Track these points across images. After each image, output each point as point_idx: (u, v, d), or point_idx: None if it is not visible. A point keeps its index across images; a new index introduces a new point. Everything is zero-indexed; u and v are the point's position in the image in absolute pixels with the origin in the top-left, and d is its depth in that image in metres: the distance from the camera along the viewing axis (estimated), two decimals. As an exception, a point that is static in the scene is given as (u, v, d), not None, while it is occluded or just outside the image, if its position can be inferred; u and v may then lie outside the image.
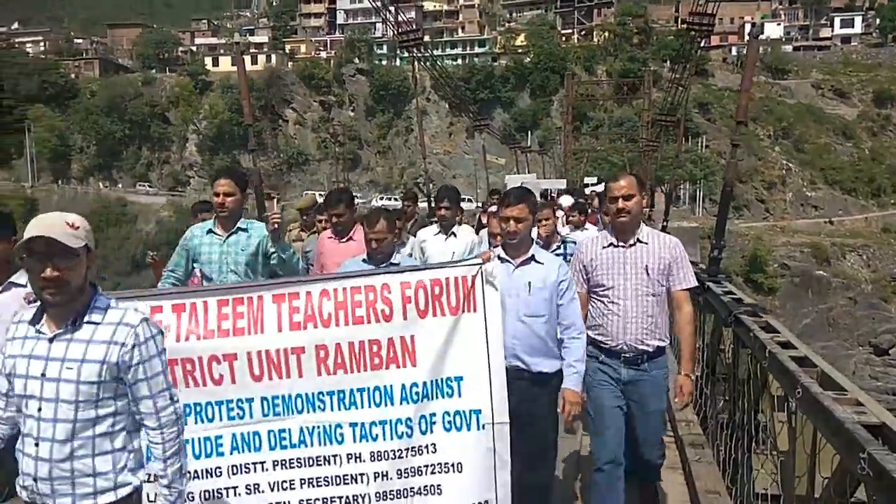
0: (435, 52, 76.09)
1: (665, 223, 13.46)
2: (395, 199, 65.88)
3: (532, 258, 3.39)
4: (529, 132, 66.71)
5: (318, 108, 74.69)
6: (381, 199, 66.76)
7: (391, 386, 3.09)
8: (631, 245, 3.48)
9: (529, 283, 3.33)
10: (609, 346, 3.48)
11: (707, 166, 55.37)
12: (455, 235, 5.32)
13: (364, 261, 3.86)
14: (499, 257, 3.37)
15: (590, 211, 12.51)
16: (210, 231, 4.27)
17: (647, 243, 3.48)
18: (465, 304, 3.11)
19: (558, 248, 5.32)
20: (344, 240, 4.65)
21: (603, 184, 20.47)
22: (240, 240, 4.22)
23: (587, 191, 16.86)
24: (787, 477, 3.10)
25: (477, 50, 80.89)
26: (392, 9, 14.35)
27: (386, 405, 3.09)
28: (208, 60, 79.56)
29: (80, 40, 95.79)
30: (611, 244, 3.53)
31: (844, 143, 64.23)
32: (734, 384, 4.39)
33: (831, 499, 2.38)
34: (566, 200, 10.95)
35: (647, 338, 3.42)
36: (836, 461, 2.34)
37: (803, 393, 2.57)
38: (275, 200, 4.36)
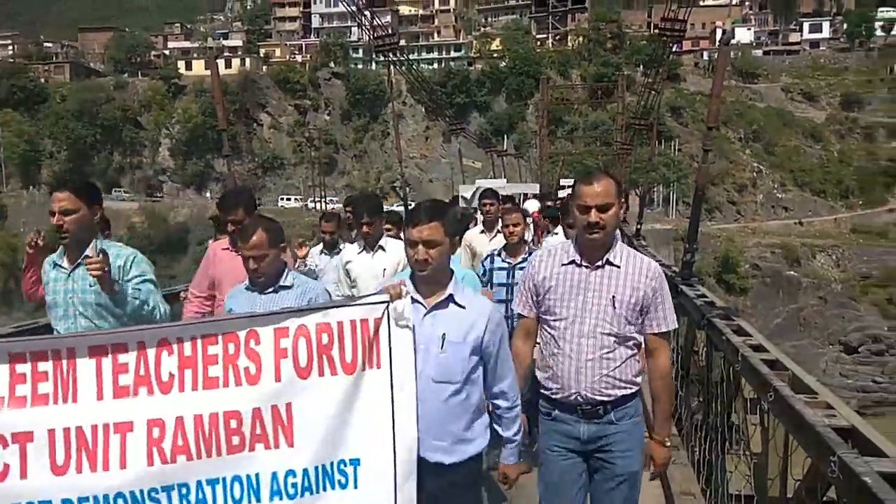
0: (411, 57, 76.40)
1: (639, 226, 13.58)
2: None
3: (450, 299, 2.42)
4: (506, 136, 67.04)
5: (294, 111, 74.33)
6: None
7: (257, 475, 2.21)
8: (598, 266, 2.65)
9: (444, 335, 2.39)
10: (560, 396, 2.68)
11: (680, 169, 56.13)
12: (383, 250, 4.53)
13: (247, 288, 3.08)
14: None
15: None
16: (56, 265, 3.22)
17: (619, 267, 2.65)
18: (365, 358, 2.27)
19: (523, 261, 4.70)
20: None
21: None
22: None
23: (562, 194, 16.32)
24: (761, 478, 3.15)
25: (453, 54, 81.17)
26: (367, 14, 14.34)
27: (250, 503, 2.20)
28: (181, 64, 78.76)
29: (49, 44, 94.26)
30: (572, 262, 2.69)
31: (813, 145, 65.51)
32: (708, 386, 4.44)
33: (803, 500, 2.42)
34: (532, 205, 9.74)
35: (607, 388, 2.62)
36: (808, 463, 2.38)
37: (775, 396, 2.61)
38: (95, 242, 3.01)
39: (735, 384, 3.62)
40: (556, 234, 6.27)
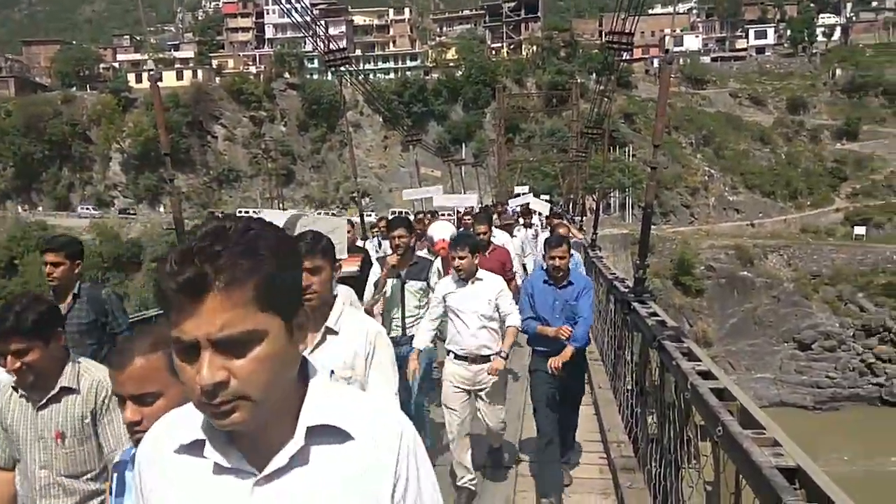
0: (366, 66, 76.29)
1: (595, 236, 13.65)
2: (333, 214, 65.54)
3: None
4: (464, 144, 67.29)
5: (249, 123, 73.34)
6: (319, 213, 66.09)
7: None
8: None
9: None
10: None
11: (634, 174, 57.04)
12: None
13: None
14: None
15: (520, 227, 11.18)
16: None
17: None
18: None
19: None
20: None
21: (531, 195, 19.34)
22: None
23: (512, 204, 15.39)
24: (714, 507, 3.11)
25: (409, 64, 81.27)
26: (318, 29, 14.15)
27: None
28: (131, 77, 77.06)
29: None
30: None
31: (762, 148, 67.31)
32: (661, 407, 4.42)
33: (754, 538, 2.37)
34: (439, 231, 6.29)
35: None
36: (758, 502, 2.34)
37: (724, 431, 2.57)
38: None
39: (686, 410, 3.59)
40: (481, 279, 4.63)
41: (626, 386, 6.40)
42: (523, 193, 23.86)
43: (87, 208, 68.12)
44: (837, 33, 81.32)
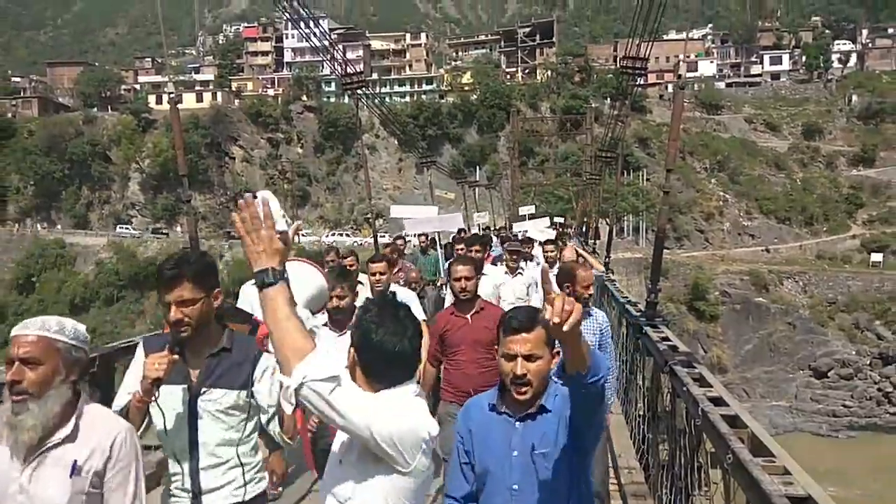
0: (383, 90, 77.10)
1: (608, 259, 13.63)
2: (346, 235, 66.10)
3: None
4: (478, 167, 67.55)
5: (266, 145, 74.17)
6: (332, 234, 66.54)
7: None
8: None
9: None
10: None
11: (648, 199, 56.91)
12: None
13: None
14: None
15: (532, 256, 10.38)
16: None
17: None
18: None
19: None
20: None
21: (532, 223, 16.69)
22: None
23: (517, 228, 14.03)
24: (724, 536, 3.08)
25: (424, 87, 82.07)
26: (335, 53, 14.38)
27: None
28: (152, 98, 78.32)
29: (17, 79, 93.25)
30: None
31: (777, 174, 67.04)
32: (673, 434, 4.40)
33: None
34: (298, 287, 2.27)
35: None
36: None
37: (734, 459, 2.57)
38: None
39: (697, 436, 3.58)
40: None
41: (637, 411, 6.36)
42: (530, 215, 19.21)
43: (127, 227, 68.73)
44: (853, 60, 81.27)
